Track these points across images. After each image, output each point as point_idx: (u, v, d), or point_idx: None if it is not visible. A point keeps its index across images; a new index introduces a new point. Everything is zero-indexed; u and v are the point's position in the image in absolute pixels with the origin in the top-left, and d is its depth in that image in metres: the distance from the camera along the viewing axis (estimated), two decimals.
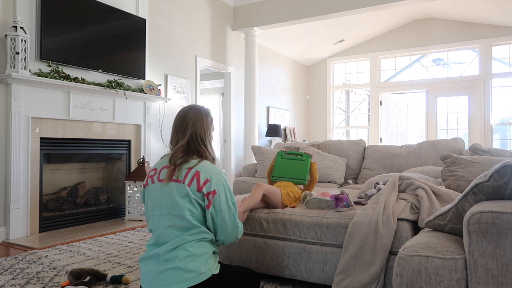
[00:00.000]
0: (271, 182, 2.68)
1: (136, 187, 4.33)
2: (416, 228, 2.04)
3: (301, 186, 2.62)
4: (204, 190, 1.62)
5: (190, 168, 1.64)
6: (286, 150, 2.78)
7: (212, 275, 1.60)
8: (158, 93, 4.75)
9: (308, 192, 2.51)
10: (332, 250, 2.14)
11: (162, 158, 1.77)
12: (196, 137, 1.71)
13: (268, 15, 6.19)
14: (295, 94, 8.58)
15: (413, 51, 7.90)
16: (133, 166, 4.61)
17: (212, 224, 1.65)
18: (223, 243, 1.73)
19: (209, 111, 1.82)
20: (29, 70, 3.52)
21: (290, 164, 2.66)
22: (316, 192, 2.60)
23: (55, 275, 2.49)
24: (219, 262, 1.86)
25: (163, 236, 1.63)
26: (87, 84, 3.95)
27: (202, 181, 1.62)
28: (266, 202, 2.39)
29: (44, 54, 3.66)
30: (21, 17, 3.52)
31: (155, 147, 4.99)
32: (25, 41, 3.43)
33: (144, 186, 1.76)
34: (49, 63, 3.72)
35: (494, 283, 1.33)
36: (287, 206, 2.40)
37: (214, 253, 1.69)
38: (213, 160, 1.75)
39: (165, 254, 1.59)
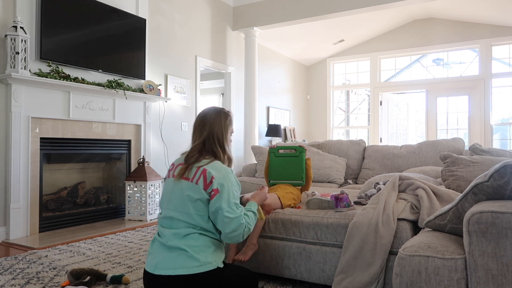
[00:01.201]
0: (270, 185, 2.63)
1: (136, 187, 4.33)
2: (416, 228, 2.04)
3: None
4: (209, 188, 1.67)
5: (199, 167, 1.70)
6: (277, 145, 2.65)
7: (218, 267, 1.66)
8: (158, 93, 4.75)
9: (309, 192, 2.51)
10: (332, 250, 2.13)
11: (182, 154, 1.83)
12: (212, 137, 1.76)
13: (268, 15, 6.19)
14: (295, 94, 8.58)
15: (413, 51, 7.89)
16: (133, 166, 4.61)
17: (213, 221, 1.70)
18: (225, 240, 1.75)
19: (230, 113, 1.86)
20: (29, 70, 3.52)
21: (284, 163, 2.55)
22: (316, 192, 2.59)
23: (55, 275, 2.49)
24: None
25: (171, 226, 1.71)
26: (87, 84, 3.95)
27: (208, 179, 1.67)
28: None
29: (44, 54, 3.66)
30: (21, 17, 3.52)
31: (155, 147, 4.99)
32: (25, 41, 3.43)
33: (168, 177, 1.84)
34: (49, 63, 3.72)
35: (494, 283, 1.33)
36: (289, 206, 2.39)
37: (219, 247, 1.74)
38: (228, 161, 1.80)
39: (172, 241, 1.65)
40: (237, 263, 2.21)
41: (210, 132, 1.77)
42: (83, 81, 3.94)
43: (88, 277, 2.28)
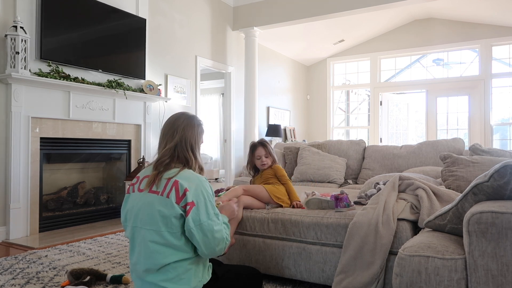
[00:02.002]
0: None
1: None
2: (416, 228, 2.04)
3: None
4: (183, 202, 1.49)
5: (169, 179, 1.53)
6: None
7: (204, 285, 1.58)
8: (158, 93, 4.75)
9: (309, 192, 2.51)
10: (332, 250, 2.13)
11: (148, 165, 1.67)
12: (185, 142, 1.60)
13: (268, 15, 6.19)
14: (295, 94, 8.57)
15: (413, 51, 7.89)
16: (133, 166, 4.61)
17: (190, 237, 1.51)
18: (206, 256, 1.58)
19: (201, 122, 1.72)
20: (29, 70, 3.52)
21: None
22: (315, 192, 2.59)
23: (55, 275, 2.49)
24: (219, 264, 1.86)
25: (144, 255, 1.52)
26: (87, 84, 3.95)
27: (181, 192, 1.49)
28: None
29: (44, 54, 3.66)
30: (21, 17, 3.52)
31: (155, 147, 4.98)
32: (25, 41, 3.43)
33: (128, 192, 1.65)
34: (49, 63, 3.72)
35: (494, 283, 1.33)
36: (281, 205, 2.40)
37: (199, 262, 1.59)
38: (200, 170, 1.64)
39: (147, 276, 1.52)
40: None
41: (183, 136, 1.60)
42: (83, 81, 3.94)
43: (88, 277, 2.28)
